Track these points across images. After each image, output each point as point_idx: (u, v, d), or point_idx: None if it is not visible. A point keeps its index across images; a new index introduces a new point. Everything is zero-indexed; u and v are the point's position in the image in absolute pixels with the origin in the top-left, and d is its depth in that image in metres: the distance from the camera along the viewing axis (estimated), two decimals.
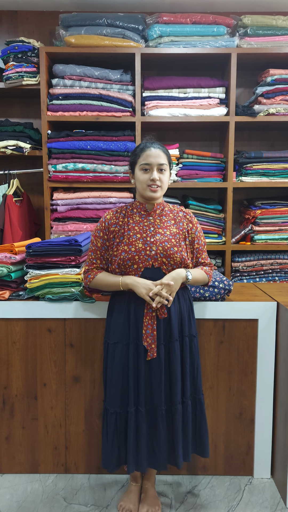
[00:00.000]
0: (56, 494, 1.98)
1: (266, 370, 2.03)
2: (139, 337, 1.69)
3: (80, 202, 2.78)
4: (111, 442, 1.73)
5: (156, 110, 2.73)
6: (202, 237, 1.81)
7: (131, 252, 1.67)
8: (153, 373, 1.69)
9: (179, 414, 1.71)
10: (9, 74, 2.70)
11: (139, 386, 1.70)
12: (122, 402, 1.72)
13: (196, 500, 1.95)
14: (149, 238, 1.69)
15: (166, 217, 1.76)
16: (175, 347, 1.70)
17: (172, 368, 1.70)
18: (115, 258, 1.71)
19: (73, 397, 2.06)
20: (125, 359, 1.71)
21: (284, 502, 1.94)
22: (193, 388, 1.78)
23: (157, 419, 1.71)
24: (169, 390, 1.72)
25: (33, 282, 1.97)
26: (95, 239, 1.77)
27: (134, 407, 1.70)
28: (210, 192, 3.18)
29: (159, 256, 1.67)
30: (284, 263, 2.93)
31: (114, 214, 1.77)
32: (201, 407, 1.79)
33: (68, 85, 2.72)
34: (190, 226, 1.77)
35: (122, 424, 1.72)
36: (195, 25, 2.72)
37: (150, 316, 1.68)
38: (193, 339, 1.77)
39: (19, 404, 2.07)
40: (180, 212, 1.80)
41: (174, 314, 1.71)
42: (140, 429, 1.71)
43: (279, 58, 2.79)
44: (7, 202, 2.76)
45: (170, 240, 1.69)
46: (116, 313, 1.76)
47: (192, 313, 1.81)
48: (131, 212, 1.77)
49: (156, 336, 1.68)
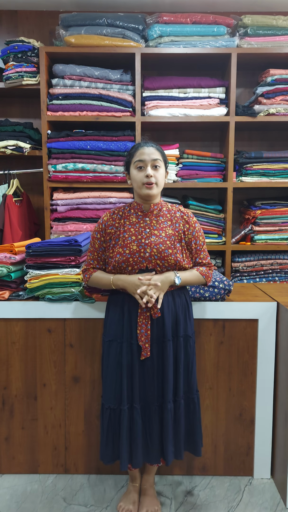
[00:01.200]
0: (56, 495, 1.98)
1: (266, 370, 2.03)
2: (132, 336, 1.71)
3: (80, 202, 2.78)
4: (105, 436, 1.76)
5: (156, 110, 2.73)
6: (201, 237, 1.80)
7: (125, 254, 1.68)
8: (146, 371, 1.72)
9: (170, 412, 1.72)
10: (9, 74, 2.70)
11: (133, 384, 1.72)
12: (116, 398, 1.74)
13: (196, 501, 1.95)
14: (144, 240, 1.69)
15: (163, 217, 1.76)
16: (168, 347, 1.71)
17: (164, 367, 1.72)
18: (110, 260, 1.73)
19: (73, 398, 2.06)
20: (119, 357, 1.73)
21: (284, 503, 1.94)
22: (187, 387, 1.79)
23: (150, 415, 1.74)
24: (161, 388, 1.73)
25: (33, 282, 1.97)
26: (93, 240, 1.80)
27: (128, 405, 1.72)
28: (210, 192, 3.18)
29: (153, 258, 1.68)
30: (284, 263, 2.92)
31: (111, 215, 1.78)
32: (194, 406, 1.80)
33: (68, 85, 2.72)
34: (187, 227, 1.76)
35: (116, 420, 1.75)
36: (195, 25, 2.72)
37: (144, 316, 1.69)
38: (189, 339, 1.78)
39: (19, 404, 2.07)
40: (178, 212, 1.79)
41: (168, 314, 1.72)
42: (134, 426, 1.73)
43: (279, 58, 2.78)
44: (7, 202, 2.76)
45: (165, 242, 1.69)
46: (111, 312, 1.78)
47: (189, 314, 1.80)
48: (128, 213, 1.78)
49: (149, 336, 1.69)
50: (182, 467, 2.10)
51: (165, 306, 1.71)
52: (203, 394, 2.05)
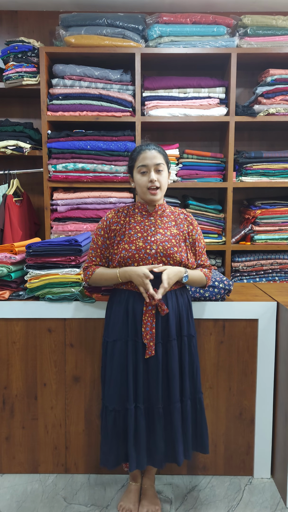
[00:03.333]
0: (56, 494, 1.98)
1: (266, 370, 2.03)
2: (137, 335, 1.70)
3: (80, 202, 2.78)
4: (110, 440, 1.74)
5: (156, 110, 2.73)
6: (202, 239, 1.83)
7: (131, 250, 1.68)
8: (151, 371, 1.71)
9: (178, 412, 1.72)
10: (9, 74, 2.70)
11: (137, 384, 1.71)
12: (121, 399, 1.72)
13: (196, 500, 1.95)
14: (149, 237, 1.70)
15: (167, 218, 1.78)
16: (173, 346, 1.71)
17: (170, 367, 1.71)
18: (115, 256, 1.73)
19: (73, 397, 2.06)
20: (124, 357, 1.72)
21: (284, 502, 1.94)
22: (193, 387, 1.78)
23: (154, 417, 1.72)
24: (167, 388, 1.73)
25: (33, 282, 1.97)
26: (96, 237, 1.79)
27: (134, 404, 1.71)
28: (210, 192, 3.18)
29: (159, 255, 1.68)
30: (284, 263, 2.93)
31: (116, 213, 1.80)
32: (201, 406, 1.80)
33: (68, 85, 2.72)
34: (191, 228, 1.78)
35: (121, 422, 1.73)
36: (195, 25, 2.72)
37: (150, 314, 1.69)
38: (192, 339, 1.78)
39: (19, 404, 2.07)
40: (181, 214, 1.82)
41: (172, 313, 1.72)
42: (139, 426, 1.72)
43: (279, 58, 2.79)
44: (7, 202, 2.76)
45: (170, 240, 1.71)
46: (114, 311, 1.77)
47: (190, 313, 1.81)
48: (132, 212, 1.79)
49: (154, 334, 1.69)
50: (182, 466, 2.11)
51: (169, 305, 1.72)
52: (203, 393, 2.05)
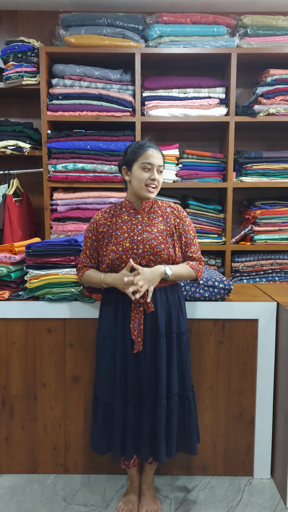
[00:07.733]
0: (56, 495, 1.98)
1: (266, 370, 2.03)
2: (126, 332, 1.72)
3: (80, 202, 2.78)
4: (99, 428, 1.79)
5: (156, 110, 2.73)
6: (192, 231, 1.81)
7: (118, 251, 1.69)
8: (139, 367, 1.73)
9: (162, 409, 1.73)
10: (9, 74, 2.70)
11: (127, 379, 1.74)
12: (110, 393, 1.76)
13: (196, 500, 1.95)
14: (136, 236, 1.71)
15: (154, 214, 1.78)
16: (161, 342, 1.72)
17: (157, 363, 1.73)
18: (104, 258, 1.75)
19: (73, 397, 2.06)
20: (113, 352, 1.75)
21: (284, 503, 1.94)
22: (181, 384, 1.79)
23: (142, 412, 1.75)
24: (154, 384, 1.74)
25: (33, 282, 1.97)
26: (85, 239, 1.83)
27: (122, 399, 1.75)
28: (210, 192, 3.18)
29: (146, 254, 1.69)
30: (284, 263, 2.92)
31: (103, 214, 1.81)
32: (189, 404, 1.80)
33: (68, 85, 2.72)
34: (178, 221, 1.78)
35: (110, 414, 1.77)
36: (195, 25, 2.72)
37: (138, 311, 1.71)
38: (182, 336, 1.79)
39: (19, 404, 2.07)
40: (168, 208, 1.81)
41: (161, 310, 1.73)
42: (127, 420, 1.75)
43: (279, 58, 2.79)
44: (7, 202, 2.76)
45: (157, 237, 1.71)
46: (105, 309, 1.80)
47: (181, 311, 1.81)
48: (119, 211, 1.80)
49: (142, 330, 1.71)
50: (181, 467, 2.11)
51: (158, 302, 1.73)
52: (203, 394, 2.05)
